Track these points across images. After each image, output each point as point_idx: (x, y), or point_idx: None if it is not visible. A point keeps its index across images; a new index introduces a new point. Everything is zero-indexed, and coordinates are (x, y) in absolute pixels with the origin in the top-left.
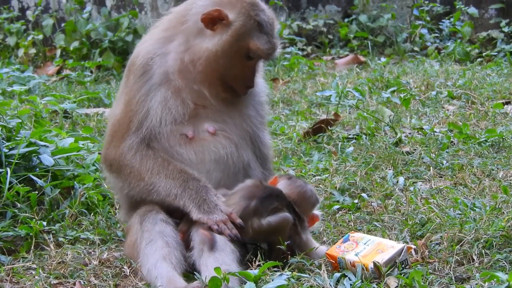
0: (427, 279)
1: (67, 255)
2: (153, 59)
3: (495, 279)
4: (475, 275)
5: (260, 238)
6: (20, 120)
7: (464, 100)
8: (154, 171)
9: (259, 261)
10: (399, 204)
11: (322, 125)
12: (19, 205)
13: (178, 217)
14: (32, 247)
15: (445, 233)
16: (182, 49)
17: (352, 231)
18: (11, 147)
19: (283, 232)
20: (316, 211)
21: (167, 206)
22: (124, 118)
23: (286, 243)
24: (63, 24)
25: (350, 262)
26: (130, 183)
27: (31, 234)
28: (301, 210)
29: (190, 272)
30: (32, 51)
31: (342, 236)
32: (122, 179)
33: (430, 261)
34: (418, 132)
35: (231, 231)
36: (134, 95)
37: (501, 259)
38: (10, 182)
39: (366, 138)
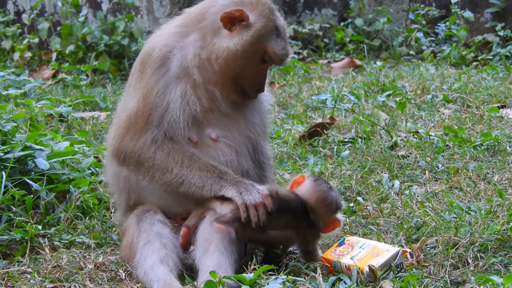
0: (423, 282)
1: (62, 259)
2: (172, 51)
3: (490, 283)
4: (470, 279)
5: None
6: (16, 124)
7: (460, 103)
8: (184, 163)
9: (254, 264)
10: (394, 208)
11: (318, 129)
12: (14, 209)
13: (178, 220)
14: (27, 251)
15: (441, 236)
16: (199, 45)
17: (348, 235)
18: (6, 150)
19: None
20: (339, 216)
21: (189, 198)
22: (142, 110)
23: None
24: (58, 28)
25: (346, 266)
26: (153, 175)
27: (26, 238)
28: (318, 216)
29: (186, 273)
30: (28, 54)
31: (338, 240)
32: (141, 172)
33: (426, 264)
34: (413, 135)
35: (260, 218)
36: (153, 87)
37: (496, 262)
38: (5, 186)
39: (361, 142)
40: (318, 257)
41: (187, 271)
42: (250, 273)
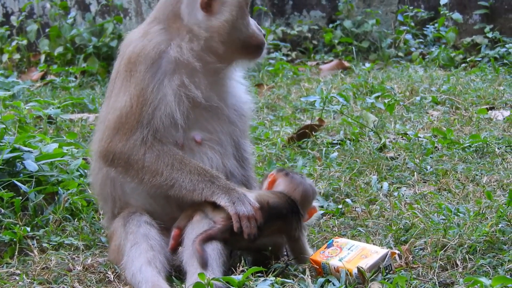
0: (411, 284)
1: (51, 260)
2: (163, 49)
3: (478, 284)
4: (458, 280)
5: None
6: (4, 126)
7: (448, 105)
8: (175, 166)
9: (242, 266)
10: (383, 210)
11: (307, 131)
12: (2, 210)
13: (168, 221)
14: (16, 253)
15: (429, 238)
16: (188, 38)
17: (336, 237)
18: None
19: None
20: (314, 203)
21: (180, 201)
22: (135, 108)
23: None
24: (47, 30)
25: (334, 268)
26: (142, 178)
27: (15, 239)
28: (302, 208)
29: (175, 275)
30: (16, 56)
31: (326, 242)
32: (130, 174)
33: (414, 266)
34: (402, 137)
35: (251, 230)
36: (148, 84)
37: (485, 264)
38: None
39: (350, 144)
40: (307, 249)
41: (176, 272)
42: (239, 275)
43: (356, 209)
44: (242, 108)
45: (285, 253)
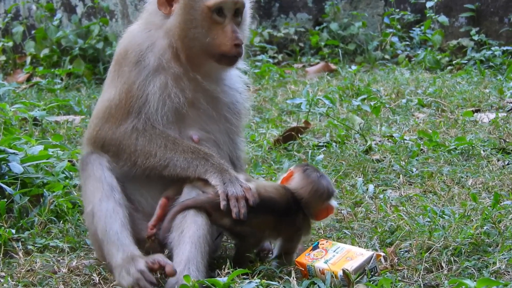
0: (396, 286)
1: (36, 263)
2: (145, 48)
3: (463, 286)
4: (443, 283)
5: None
6: None
7: (434, 108)
8: (168, 147)
9: (228, 268)
10: (368, 212)
11: (293, 133)
12: None
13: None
14: (1, 255)
15: (414, 240)
16: (162, 35)
17: (322, 239)
18: None
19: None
20: (332, 202)
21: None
22: (123, 102)
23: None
24: (33, 31)
25: (320, 270)
26: (135, 161)
27: (0, 242)
28: (312, 209)
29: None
30: (2, 58)
31: (312, 244)
32: (122, 158)
33: (399, 268)
34: (388, 140)
35: (240, 210)
36: (134, 82)
37: (470, 266)
38: None
39: (336, 146)
40: (292, 260)
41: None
42: (224, 277)
43: (342, 211)
44: (238, 105)
45: (270, 253)
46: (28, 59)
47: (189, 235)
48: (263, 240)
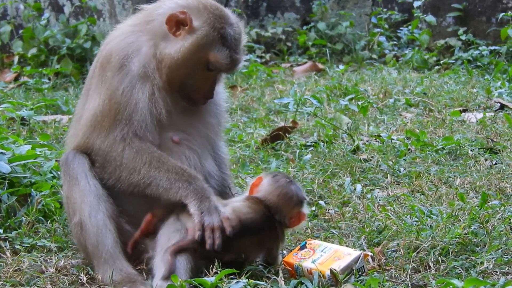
0: (384, 286)
1: (23, 262)
2: (130, 53)
3: (451, 286)
4: (431, 282)
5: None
6: None
7: (422, 107)
8: (153, 165)
9: (216, 268)
10: (356, 212)
11: (280, 133)
12: None
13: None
14: None
15: (402, 240)
16: (152, 45)
17: (309, 239)
18: None
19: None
20: (304, 210)
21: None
22: (108, 110)
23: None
24: (21, 31)
25: (307, 270)
26: (119, 175)
27: None
28: (282, 214)
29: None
30: None
31: (299, 243)
32: (107, 170)
33: (387, 268)
34: (375, 139)
35: (214, 241)
36: (117, 87)
37: (457, 266)
38: None
39: (324, 146)
40: (279, 261)
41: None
42: (212, 276)
43: (329, 211)
44: (218, 110)
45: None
46: (16, 58)
47: None
48: (253, 256)
